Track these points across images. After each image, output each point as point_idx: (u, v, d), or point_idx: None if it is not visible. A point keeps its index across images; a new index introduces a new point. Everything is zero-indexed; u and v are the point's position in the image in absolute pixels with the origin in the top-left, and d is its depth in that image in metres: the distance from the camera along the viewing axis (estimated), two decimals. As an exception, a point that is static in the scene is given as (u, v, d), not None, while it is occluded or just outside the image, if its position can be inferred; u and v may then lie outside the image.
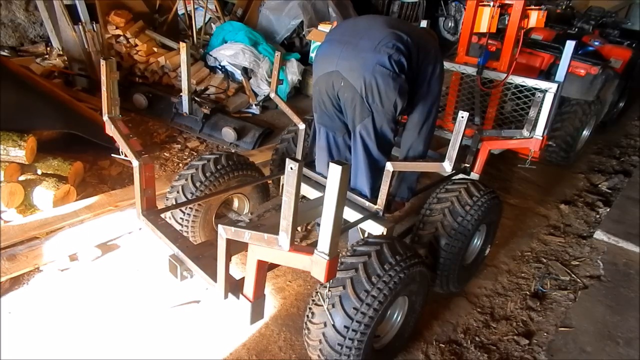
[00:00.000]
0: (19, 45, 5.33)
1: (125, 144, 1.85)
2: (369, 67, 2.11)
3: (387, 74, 2.10)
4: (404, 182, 2.60)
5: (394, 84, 2.11)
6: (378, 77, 2.10)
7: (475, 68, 3.21)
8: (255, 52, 5.15)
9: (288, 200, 1.22)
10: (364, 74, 2.11)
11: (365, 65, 2.12)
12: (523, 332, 2.44)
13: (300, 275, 2.63)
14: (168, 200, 2.35)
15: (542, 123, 2.67)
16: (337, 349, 1.72)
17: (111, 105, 1.86)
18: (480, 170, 2.76)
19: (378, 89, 2.12)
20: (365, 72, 2.11)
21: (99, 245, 2.64)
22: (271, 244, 1.34)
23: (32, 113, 3.09)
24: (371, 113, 2.20)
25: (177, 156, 3.88)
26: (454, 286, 2.43)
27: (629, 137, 5.50)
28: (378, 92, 2.13)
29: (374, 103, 2.17)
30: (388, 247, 1.83)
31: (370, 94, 2.14)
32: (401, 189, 2.60)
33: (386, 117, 2.22)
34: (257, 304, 1.59)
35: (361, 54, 2.14)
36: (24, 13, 5.30)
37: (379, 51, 2.11)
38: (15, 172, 2.87)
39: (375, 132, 2.27)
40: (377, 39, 2.15)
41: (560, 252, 3.16)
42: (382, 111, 2.19)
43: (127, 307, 2.31)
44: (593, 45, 4.49)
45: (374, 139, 2.28)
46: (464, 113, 2.07)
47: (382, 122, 2.24)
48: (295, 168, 1.15)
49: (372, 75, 2.11)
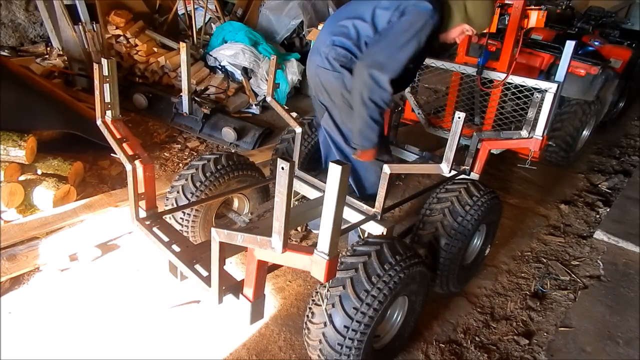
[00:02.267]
0: (19, 45, 5.33)
1: (118, 148, 1.84)
2: (313, 69, 2.33)
3: (327, 73, 2.25)
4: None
5: (336, 81, 2.25)
6: (321, 76, 2.28)
7: (475, 68, 3.21)
8: (255, 52, 5.15)
9: (280, 201, 1.21)
10: (311, 75, 2.38)
11: (311, 67, 2.35)
12: (523, 332, 2.44)
13: (300, 275, 2.63)
14: (168, 200, 2.35)
15: (542, 123, 2.66)
16: (337, 348, 1.72)
17: (104, 109, 1.85)
18: (480, 170, 2.76)
19: (324, 87, 2.30)
20: (311, 73, 2.37)
21: (99, 245, 2.64)
22: (264, 246, 1.33)
23: (32, 113, 3.09)
24: (326, 109, 2.37)
25: (177, 156, 3.88)
26: (454, 286, 2.43)
27: (629, 137, 5.50)
28: (325, 90, 2.30)
29: (325, 100, 2.34)
30: (388, 247, 1.83)
31: (320, 92, 2.34)
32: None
33: (344, 110, 2.31)
34: (257, 304, 1.59)
35: (312, 56, 2.37)
36: (24, 13, 5.30)
37: (320, 52, 2.29)
38: (15, 172, 2.87)
39: (337, 126, 2.39)
40: (325, 37, 2.32)
41: (560, 252, 3.16)
42: (336, 106, 2.33)
43: (127, 307, 2.31)
44: (593, 45, 4.49)
45: (337, 132, 2.40)
46: (461, 114, 2.07)
47: (342, 116, 2.34)
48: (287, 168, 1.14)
49: (316, 75, 2.32)
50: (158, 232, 1.98)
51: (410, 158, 3.20)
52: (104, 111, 1.86)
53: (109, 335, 2.15)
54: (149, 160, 1.90)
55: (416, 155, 3.19)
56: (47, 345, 2.07)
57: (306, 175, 2.66)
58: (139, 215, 1.99)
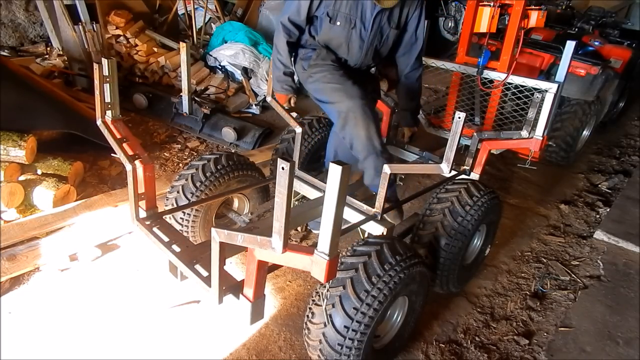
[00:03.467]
0: (19, 45, 5.32)
1: (118, 148, 1.84)
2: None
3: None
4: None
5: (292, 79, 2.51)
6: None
7: (475, 68, 3.21)
8: (255, 52, 5.15)
9: (280, 201, 1.20)
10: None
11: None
12: (523, 332, 2.44)
13: (300, 275, 2.63)
14: (168, 200, 2.35)
15: (542, 123, 2.67)
16: (337, 349, 1.72)
17: (104, 109, 1.85)
18: (480, 170, 2.76)
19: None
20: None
21: (99, 245, 2.64)
22: (264, 247, 1.33)
23: (32, 113, 3.09)
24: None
25: (177, 156, 3.88)
26: (454, 286, 2.43)
27: (629, 137, 5.50)
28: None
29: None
30: (388, 247, 1.83)
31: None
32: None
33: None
34: (257, 304, 1.59)
35: None
36: (24, 13, 5.30)
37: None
38: (15, 172, 2.87)
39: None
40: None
41: (560, 252, 3.16)
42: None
43: (127, 307, 2.31)
44: (593, 45, 4.49)
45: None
46: (461, 114, 2.07)
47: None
48: (287, 168, 1.13)
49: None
50: (158, 232, 1.97)
51: (410, 158, 3.20)
52: (104, 111, 1.86)
53: (109, 335, 2.15)
54: (149, 160, 1.90)
55: (416, 155, 3.19)
56: (47, 345, 2.06)
57: (306, 175, 2.67)
58: (139, 216, 1.99)
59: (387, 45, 2.50)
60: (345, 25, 2.33)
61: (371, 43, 2.41)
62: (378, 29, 2.37)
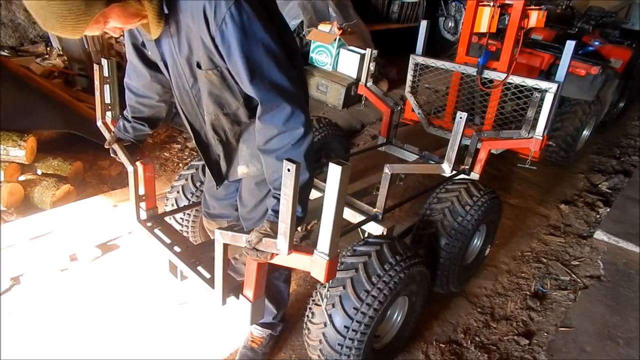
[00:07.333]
0: (19, 45, 5.32)
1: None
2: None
3: None
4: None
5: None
6: None
7: (475, 68, 3.21)
8: (255, 52, 5.14)
9: (286, 202, 1.21)
10: None
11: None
12: (523, 332, 2.44)
13: (300, 275, 2.63)
14: (168, 200, 2.35)
15: (542, 123, 2.67)
16: (337, 349, 1.72)
17: (104, 110, 1.85)
18: (480, 170, 2.76)
19: None
20: None
21: (99, 245, 2.64)
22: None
23: (32, 113, 3.09)
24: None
25: (177, 156, 3.87)
26: (454, 286, 2.43)
27: (629, 137, 5.51)
28: None
29: None
30: (388, 247, 1.83)
31: None
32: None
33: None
34: (257, 304, 1.59)
35: None
36: (24, 13, 5.29)
37: None
38: (15, 172, 2.87)
39: None
40: None
41: (560, 252, 3.16)
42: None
43: (127, 307, 2.31)
44: (593, 45, 4.49)
45: None
46: (463, 114, 2.07)
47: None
48: (293, 170, 1.14)
49: None
50: (159, 233, 1.97)
51: (410, 158, 3.20)
52: (104, 112, 1.86)
53: (109, 335, 2.15)
54: (149, 161, 1.90)
55: (416, 155, 3.19)
56: (47, 345, 2.06)
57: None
58: (140, 217, 1.99)
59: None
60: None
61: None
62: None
